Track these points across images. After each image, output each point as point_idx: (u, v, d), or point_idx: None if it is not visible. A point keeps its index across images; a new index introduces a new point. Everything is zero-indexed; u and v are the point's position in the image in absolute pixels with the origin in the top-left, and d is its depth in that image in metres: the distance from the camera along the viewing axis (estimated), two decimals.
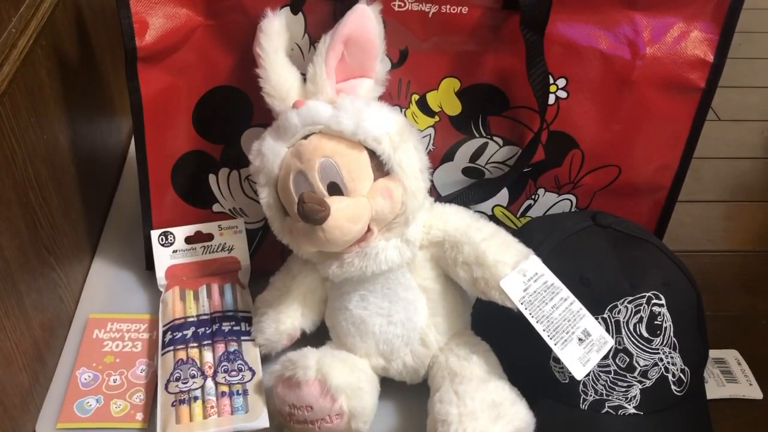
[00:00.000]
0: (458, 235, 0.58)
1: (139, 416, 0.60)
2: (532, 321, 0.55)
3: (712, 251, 0.84)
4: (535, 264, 0.56)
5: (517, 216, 0.70)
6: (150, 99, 0.62)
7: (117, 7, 0.58)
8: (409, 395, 0.62)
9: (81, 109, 0.72)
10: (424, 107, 0.64)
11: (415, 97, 0.64)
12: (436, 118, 0.65)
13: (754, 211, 0.91)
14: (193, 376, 0.59)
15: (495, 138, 0.65)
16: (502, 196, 0.68)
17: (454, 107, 0.64)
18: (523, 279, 0.55)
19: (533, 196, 0.69)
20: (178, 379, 0.59)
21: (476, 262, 0.56)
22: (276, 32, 0.57)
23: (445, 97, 0.64)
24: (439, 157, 0.66)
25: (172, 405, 0.58)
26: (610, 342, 0.56)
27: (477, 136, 0.65)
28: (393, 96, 0.63)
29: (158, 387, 0.60)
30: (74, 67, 0.71)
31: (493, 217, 0.70)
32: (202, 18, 0.60)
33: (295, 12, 0.60)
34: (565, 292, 0.56)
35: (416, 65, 0.62)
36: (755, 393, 0.66)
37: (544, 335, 0.54)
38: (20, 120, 0.57)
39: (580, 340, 0.55)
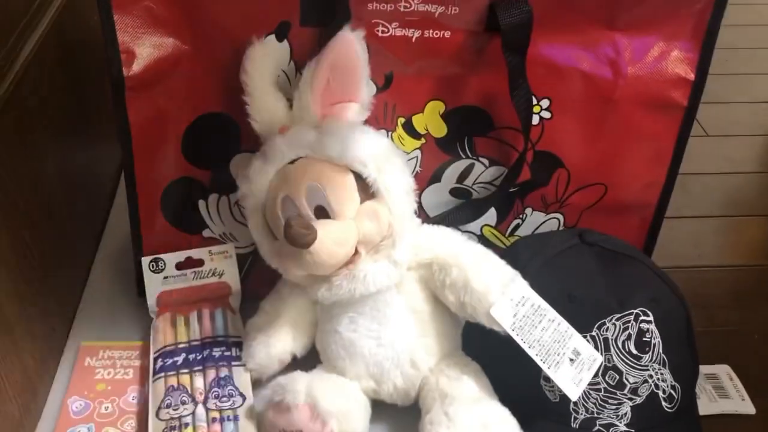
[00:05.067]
0: (446, 258, 0.58)
1: None
2: (525, 346, 0.55)
3: (703, 266, 0.84)
4: (521, 288, 0.56)
5: (506, 235, 0.70)
6: (138, 127, 0.62)
7: (104, 38, 0.59)
8: (400, 417, 0.61)
9: (71, 138, 0.73)
10: (411, 130, 0.65)
11: (401, 120, 0.64)
12: (423, 141, 0.65)
13: (745, 226, 0.91)
14: (184, 403, 0.59)
15: (481, 159, 0.66)
16: (491, 215, 0.69)
17: (439, 129, 0.65)
18: (512, 304, 0.55)
19: (521, 216, 0.69)
20: (169, 406, 0.59)
21: (464, 286, 0.57)
22: (262, 59, 0.58)
23: (431, 120, 0.64)
24: (427, 179, 0.67)
25: None
26: (600, 359, 0.56)
27: (463, 157, 0.66)
28: (379, 120, 0.63)
29: (149, 414, 0.59)
30: (64, 96, 0.71)
31: (482, 237, 0.70)
32: (188, 46, 0.61)
33: (280, 39, 0.60)
34: (552, 313, 0.56)
35: (401, 89, 0.63)
36: (748, 408, 0.66)
37: (537, 360, 0.54)
38: (10, 150, 0.58)
39: (571, 360, 0.55)
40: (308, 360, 0.63)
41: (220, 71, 0.61)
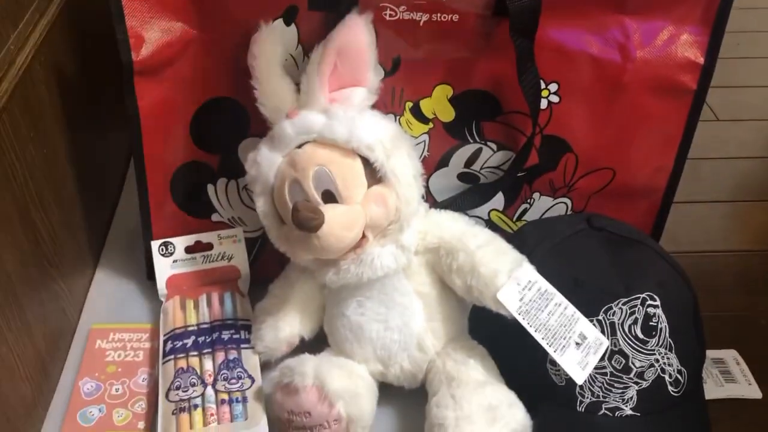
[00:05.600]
0: (453, 242, 0.59)
1: (141, 425, 0.60)
2: (531, 330, 0.55)
3: (711, 252, 0.84)
4: (528, 272, 0.56)
5: (513, 220, 0.70)
6: (147, 112, 0.63)
7: (113, 23, 0.59)
8: (407, 400, 0.62)
9: (81, 123, 0.73)
10: (418, 114, 0.65)
11: (409, 104, 0.64)
12: (430, 125, 0.65)
13: (754, 211, 0.91)
14: (194, 384, 0.60)
15: (489, 143, 0.66)
16: (498, 200, 0.69)
17: (447, 114, 0.65)
18: (518, 288, 0.55)
19: (529, 200, 0.69)
20: (178, 388, 0.60)
21: (471, 270, 0.57)
22: (269, 44, 0.58)
23: (439, 104, 0.64)
24: (434, 163, 0.67)
25: (173, 413, 0.58)
26: (606, 343, 0.56)
27: (471, 141, 0.66)
28: (387, 104, 0.63)
29: (159, 396, 0.60)
30: (73, 82, 0.72)
31: (489, 221, 0.70)
32: (196, 31, 0.61)
33: (288, 23, 0.60)
34: (559, 297, 0.56)
35: (409, 73, 0.63)
36: (754, 393, 0.66)
37: (543, 343, 0.55)
38: (19, 135, 0.58)
39: (577, 344, 0.55)
40: (316, 343, 0.64)
41: (229, 56, 0.61)
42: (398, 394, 0.62)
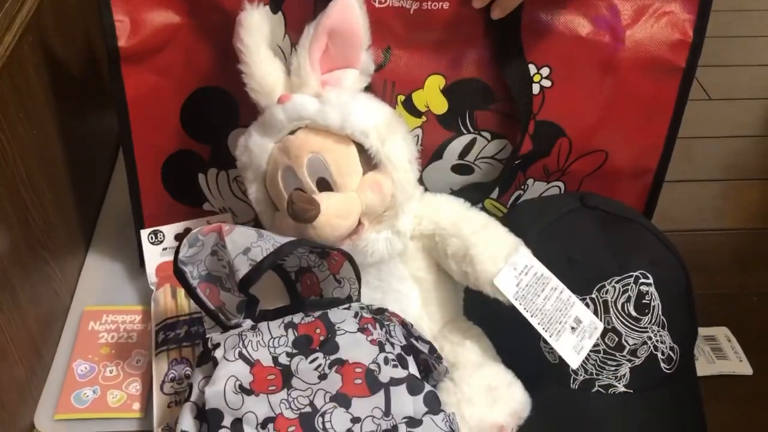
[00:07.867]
0: (449, 227, 0.58)
1: (136, 406, 0.60)
2: (527, 315, 0.55)
3: (704, 230, 0.84)
4: (524, 256, 0.56)
5: (508, 207, 0.70)
6: (135, 99, 0.62)
7: (98, 8, 0.58)
8: None
9: (71, 104, 0.73)
10: (411, 108, 0.63)
11: (401, 98, 0.63)
12: (423, 118, 0.64)
13: (746, 190, 0.91)
14: (188, 376, 0.59)
15: (483, 133, 0.65)
16: None
17: (440, 105, 0.64)
18: (515, 273, 0.55)
19: (522, 187, 0.69)
20: (173, 380, 0.59)
21: (467, 255, 0.56)
22: (256, 26, 0.56)
23: (432, 96, 0.63)
24: (428, 157, 0.65)
25: (168, 406, 0.58)
26: (600, 327, 0.56)
27: (465, 132, 0.65)
28: (379, 99, 0.62)
29: (153, 388, 0.60)
30: (62, 62, 0.71)
31: (483, 210, 0.69)
32: (184, 18, 0.60)
33: (275, 11, 0.59)
34: (555, 281, 0.56)
35: (400, 65, 0.62)
36: (745, 369, 0.66)
37: (540, 328, 0.55)
38: (8, 116, 0.57)
39: (572, 328, 0.55)
40: None
41: (218, 44, 0.60)
42: None
